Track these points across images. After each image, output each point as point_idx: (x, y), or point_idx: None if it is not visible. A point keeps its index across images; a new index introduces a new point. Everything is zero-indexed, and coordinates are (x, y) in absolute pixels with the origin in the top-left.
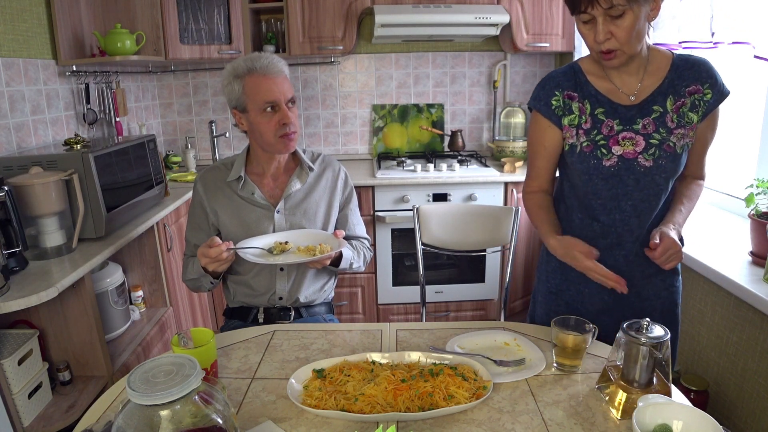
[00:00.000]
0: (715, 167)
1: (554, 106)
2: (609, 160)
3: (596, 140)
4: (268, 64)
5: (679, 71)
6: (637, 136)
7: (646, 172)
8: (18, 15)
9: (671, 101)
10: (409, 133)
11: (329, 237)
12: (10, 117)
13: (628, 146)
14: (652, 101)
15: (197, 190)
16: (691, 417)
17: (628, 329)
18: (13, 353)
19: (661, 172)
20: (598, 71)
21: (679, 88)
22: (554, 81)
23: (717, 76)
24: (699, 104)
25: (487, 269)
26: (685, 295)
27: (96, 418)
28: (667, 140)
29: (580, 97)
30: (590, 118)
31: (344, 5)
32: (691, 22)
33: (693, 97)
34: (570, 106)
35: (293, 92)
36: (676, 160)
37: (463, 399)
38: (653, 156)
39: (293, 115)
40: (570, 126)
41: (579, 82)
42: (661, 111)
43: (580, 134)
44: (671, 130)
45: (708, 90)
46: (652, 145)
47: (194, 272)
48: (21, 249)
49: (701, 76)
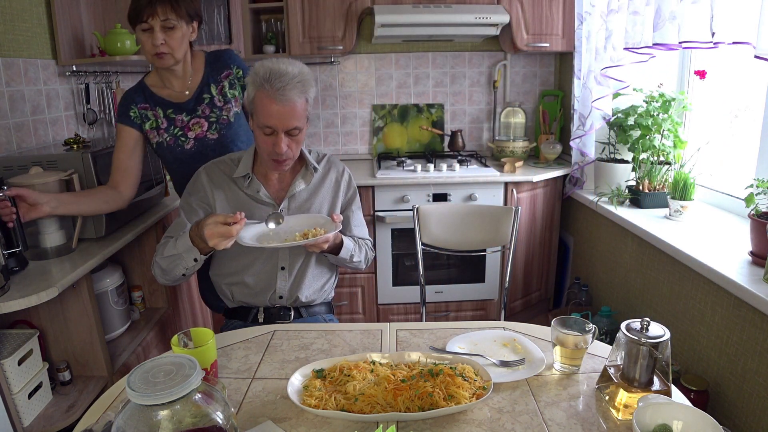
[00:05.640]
0: (715, 167)
1: (133, 117)
2: (188, 144)
3: (175, 133)
4: (281, 88)
5: (211, 64)
6: (201, 119)
7: (216, 142)
8: (18, 15)
9: (214, 87)
10: (409, 133)
11: (327, 221)
12: (10, 117)
13: (197, 129)
14: (201, 91)
15: (201, 179)
16: (691, 417)
17: (628, 329)
18: (13, 353)
19: (226, 139)
20: (158, 83)
21: (216, 75)
22: (129, 99)
23: (237, 57)
24: (235, 81)
25: (487, 269)
26: (685, 295)
27: (96, 418)
28: (221, 115)
29: (152, 106)
30: (165, 119)
31: (344, 5)
32: (691, 22)
33: (228, 79)
34: (146, 114)
35: (302, 121)
36: (232, 128)
37: (463, 399)
38: (217, 130)
39: (291, 144)
40: (151, 129)
41: (147, 95)
42: (210, 96)
43: (161, 133)
44: (221, 107)
45: (237, 70)
46: (212, 123)
47: (178, 248)
48: (21, 249)
49: (227, 62)
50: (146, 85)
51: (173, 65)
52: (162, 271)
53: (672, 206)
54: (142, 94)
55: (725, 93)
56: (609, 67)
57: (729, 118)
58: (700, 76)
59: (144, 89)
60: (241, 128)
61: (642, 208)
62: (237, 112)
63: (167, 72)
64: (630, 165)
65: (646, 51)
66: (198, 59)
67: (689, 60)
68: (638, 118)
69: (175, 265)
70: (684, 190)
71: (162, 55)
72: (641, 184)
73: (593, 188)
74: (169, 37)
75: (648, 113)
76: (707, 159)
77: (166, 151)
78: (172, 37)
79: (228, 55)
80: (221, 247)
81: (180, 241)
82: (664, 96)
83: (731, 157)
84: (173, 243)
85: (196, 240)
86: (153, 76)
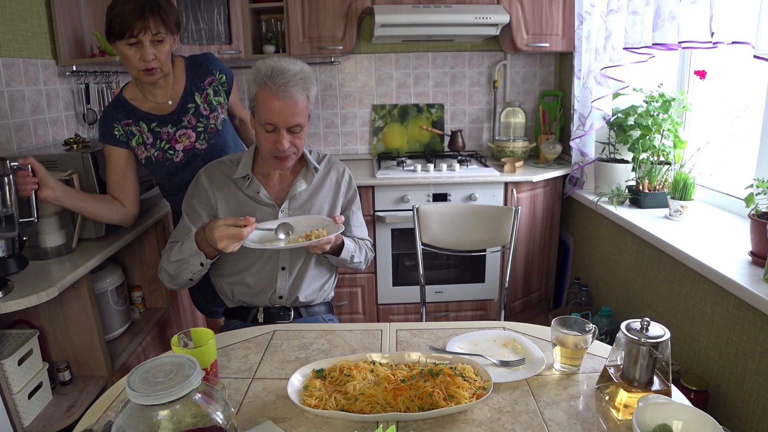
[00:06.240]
0: (715, 167)
1: (118, 136)
2: (177, 157)
3: (163, 147)
4: (283, 85)
5: (193, 70)
6: (188, 130)
7: (206, 152)
8: (18, 15)
9: (198, 96)
10: (409, 133)
11: (329, 222)
12: (10, 117)
13: (185, 141)
14: (185, 101)
15: (201, 181)
16: (691, 417)
17: (628, 329)
18: (13, 353)
19: (215, 148)
20: (139, 96)
21: (198, 83)
22: (111, 117)
23: (218, 61)
24: (219, 87)
25: (487, 269)
26: (685, 295)
27: (96, 418)
28: (209, 125)
29: (135, 121)
30: (150, 134)
31: (344, 5)
32: (690, 22)
33: (213, 85)
34: (131, 130)
35: (303, 118)
36: (221, 135)
37: (463, 399)
38: (205, 140)
39: (294, 141)
40: (138, 145)
41: (128, 110)
42: (195, 105)
43: (148, 148)
44: (207, 116)
45: (221, 75)
46: (200, 133)
47: (184, 252)
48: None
49: (209, 68)
50: (126, 99)
51: (160, 78)
52: (169, 277)
53: (672, 206)
54: (123, 109)
55: (725, 93)
56: (609, 67)
57: (729, 118)
58: (700, 76)
59: (125, 104)
60: (229, 134)
61: (642, 208)
62: (224, 119)
63: (149, 84)
64: (630, 165)
65: (645, 51)
66: (178, 67)
67: (689, 60)
68: (638, 118)
69: (182, 270)
70: (684, 190)
71: (153, 70)
72: (641, 184)
73: (593, 188)
74: (159, 51)
75: (648, 113)
76: (707, 159)
77: (155, 165)
78: (162, 51)
79: (209, 60)
80: (229, 249)
81: (186, 245)
82: (664, 96)
83: (731, 157)
84: (179, 247)
85: (202, 244)
86: (132, 89)
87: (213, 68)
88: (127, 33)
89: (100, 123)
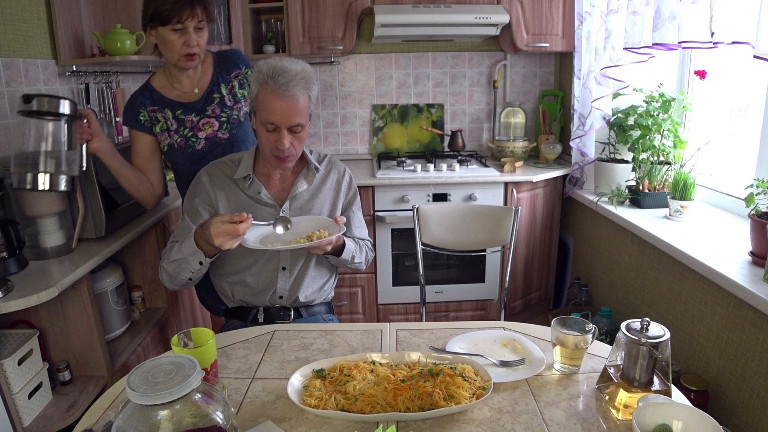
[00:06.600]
0: (715, 167)
1: (143, 121)
2: (199, 145)
3: (186, 134)
4: (284, 84)
5: (221, 64)
6: (211, 119)
7: (227, 142)
8: (18, 15)
9: (224, 87)
10: (409, 133)
11: (330, 223)
12: (11, 117)
13: (208, 129)
14: (211, 91)
15: (202, 181)
16: (691, 417)
17: (628, 329)
18: (13, 353)
19: (236, 138)
20: (166, 84)
21: (225, 75)
22: (137, 102)
23: (244, 57)
24: (244, 81)
25: (487, 269)
26: (685, 295)
27: (96, 418)
28: (231, 115)
29: (160, 108)
30: (174, 121)
31: (344, 5)
32: (690, 22)
33: (238, 79)
34: (156, 117)
35: (304, 118)
36: (243, 127)
37: (463, 399)
38: (227, 130)
39: (294, 141)
40: (162, 131)
41: (155, 97)
42: (221, 96)
43: (172, 134)
44: (231, 107)
45: (246, 70)
46: (223, 123)
47: (183, 251)
48: (78, 174)
49: (236, 62)
50: (153, 87)
51: (197, 64)
52: (169, 276)
53: (672, 206)
54: (149, 96)
55: (725, 93)
56: (609, 67)
57: (729, 118)
58: (700, 76)
59: (151, 91)
60: (250, 127)
61: (642, 208)
62: (247, 112)
63: (178, 72)
64: (630, 165)
65: (645, 51)
66: (207, 59)
67: (689, 60)
68: (638, 118)
69: (181, 269)
70: (684, 190)
71: (194, 56)
72: (641, 184)
73: (593, 188)
74: (200, 38)
75: (648, 113)
76: (707, 159)
77: (177, 152)
78: (202, 38)
79: (236, 55)
80: (227, 246)
81: (185, 244)
82: (664, 96)
83: (731, 157)
84: (178, 247)
85: (200, 242)
86: (160, 77)
87: (240, 63)
88: (174, 18)
89: (126, 108)
